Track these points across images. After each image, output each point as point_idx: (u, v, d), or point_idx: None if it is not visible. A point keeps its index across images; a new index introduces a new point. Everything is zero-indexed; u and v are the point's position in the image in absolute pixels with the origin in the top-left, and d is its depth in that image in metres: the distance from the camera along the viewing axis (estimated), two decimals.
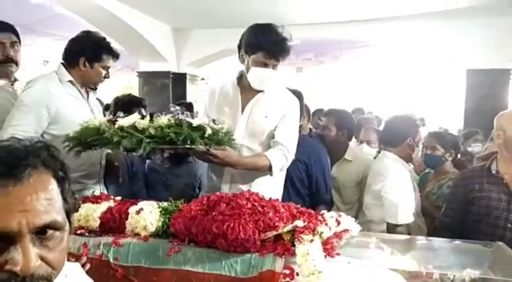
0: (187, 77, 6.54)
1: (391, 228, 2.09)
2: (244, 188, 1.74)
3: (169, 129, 1.40)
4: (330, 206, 2.29)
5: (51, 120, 1.79)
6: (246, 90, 1.84)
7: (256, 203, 1.26)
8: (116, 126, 1.44)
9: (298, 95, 2.07)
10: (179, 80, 6.19)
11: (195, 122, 1.46)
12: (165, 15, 5.49)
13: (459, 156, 2.69)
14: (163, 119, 1.44)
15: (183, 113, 1.49)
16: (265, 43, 1.70)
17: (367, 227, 2.11)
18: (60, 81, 1.87)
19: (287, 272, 1.09)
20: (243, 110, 1.83)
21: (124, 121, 1.46)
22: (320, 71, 9.34)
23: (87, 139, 1.47)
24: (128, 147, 1.42)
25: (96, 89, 2.11)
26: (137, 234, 1.27)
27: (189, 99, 5.68)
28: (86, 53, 1.90)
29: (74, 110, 1.85)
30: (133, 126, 1.44)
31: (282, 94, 1.89)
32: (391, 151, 2.26)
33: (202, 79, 7.32)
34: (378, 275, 1.10)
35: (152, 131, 1.41)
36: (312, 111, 3.05)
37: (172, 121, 1.44)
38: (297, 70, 9.51)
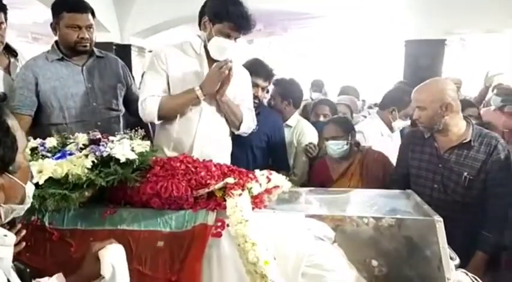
0: (133, 49, 6.30)
1: None
2: None
3: (96, 172, 1.19)
4: (288, 169, 2.39)
5: None
6: (208, 60, 1.81)
7: (189, 164, 1.32)
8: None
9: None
10: (123, 52, 5.93)
11: (122, 157, 1.23)
12: None
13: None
14: (85, 162, 1.20)
15: (101, 145, 1.27)
16: (234, 15, 1.67)
17: None
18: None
19: (219, 224, 1.18)
20: None
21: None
22: (270, 42, 9.38)
23: None
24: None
25: (16, 55, 2.02)
26: None
27: (135, 72, 5.50)
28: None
29: None
30: (48, 179, 1.16)
31: (237, 66, 1.90)
32: (378, 114, 2.50)
33: (150, 51, 7.09)
34: (298, 221, 1.23)
35: (74, 179, 1.16)
36: None
37: (96, 161, 1.22)
38: (248, 42, 9.49)
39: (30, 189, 0.81)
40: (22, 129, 1.04)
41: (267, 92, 2.94)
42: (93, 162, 1.20)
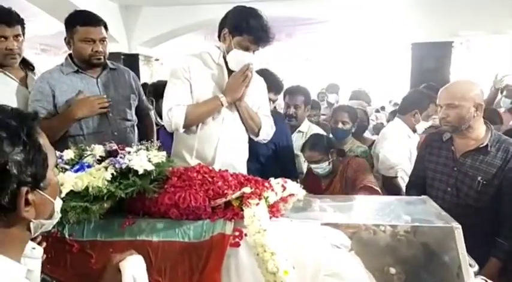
0: (141, 58, 6.37)
1: (385, 181, 2.38)
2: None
3: (116, 184, 1.20)
4: (296, 177, 2.39)
5: None
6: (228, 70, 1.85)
7: (206, 175, 1.34)
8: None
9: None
10: (131, 61, 6.00)
11: (140, 168, 1.24)
12: None
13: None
14: (105, 174, 1.21)
15: (120, 157, 1.28)
16: (254, 28, 1.70)
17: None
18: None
19: (236, 233, 1.19)
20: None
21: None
22: (275, 47, 9.42)
23: None
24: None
25: (33, 69, 2.06)
26: None
27: (143, 80, 5.55)
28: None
29: None
30: (68, 192, 1.17)
31: (255, 76, 1.94)
32: (401, 118, 2.54)
33: (157, 60, 7.15)
34: (315, 229, 1.23)
35: (95, 192, 1.17)
36: None
37: (115, 173, 1.22)
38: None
39: (58, 205, 0.82)
40: None
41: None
42: (112, 174, 1.21)
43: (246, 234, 1.17)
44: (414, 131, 2.53)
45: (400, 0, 5.29)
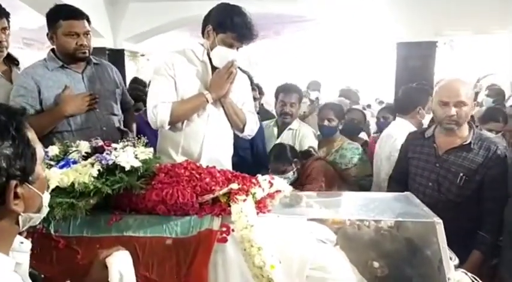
0: (126, 53, 6.30)
1: None
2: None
3: (103, 181, 1.20)
4: (267, 168, 2.44)
5: None
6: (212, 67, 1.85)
7: (193, 171, 1.34)
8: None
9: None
10: (117, 56, 5.93)
11: (127, 165, 1.24)
12: None
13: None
14: (92, 170, 1.21)
15: (106, 153, 1.28)
16: (238, 25, 1.70)
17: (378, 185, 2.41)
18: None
19: (224, 229, 1.20)
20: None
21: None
22: (263, 45, 9.42)
23: None
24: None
25: (18, 64, 2.03)
26: None
27: (128, 76, 5.51)
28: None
29: None
30: (54, 188, 1.16)
31: (239, 73, 1.94)
32: (403, 118, 2.48)
33: (142, 55, 7.09)
34: (301, 225, 1.26)
35: (81, 188, 1.17)
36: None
37: (101, 169, 1.22)
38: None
39: (46, 199, 0.83)
40: None
41: None
42: (98, 170, 1.21)
43: (233, 230, 1.18)
44: (421, 125, 2.50)
45: (386, 1, 5.36)
